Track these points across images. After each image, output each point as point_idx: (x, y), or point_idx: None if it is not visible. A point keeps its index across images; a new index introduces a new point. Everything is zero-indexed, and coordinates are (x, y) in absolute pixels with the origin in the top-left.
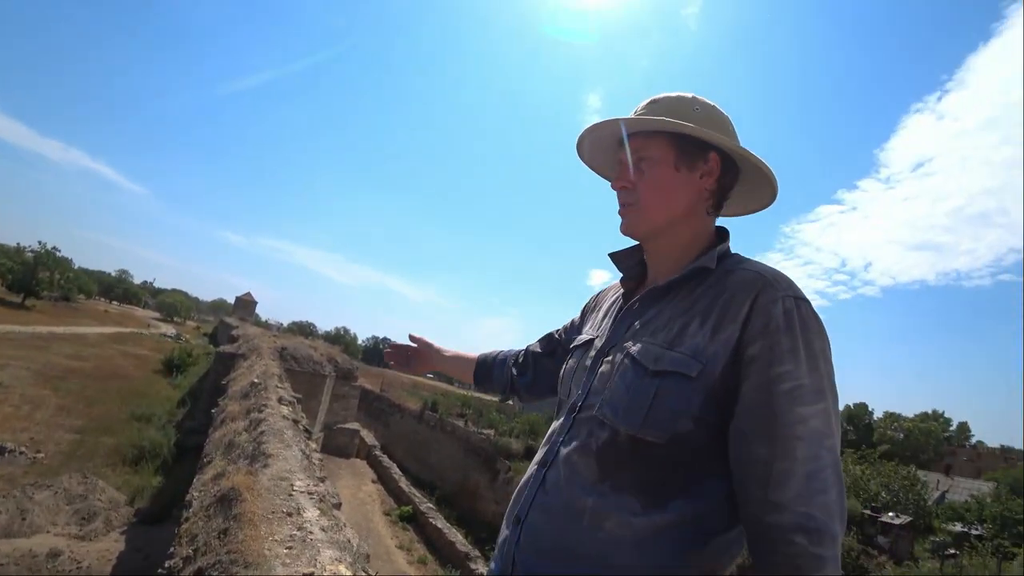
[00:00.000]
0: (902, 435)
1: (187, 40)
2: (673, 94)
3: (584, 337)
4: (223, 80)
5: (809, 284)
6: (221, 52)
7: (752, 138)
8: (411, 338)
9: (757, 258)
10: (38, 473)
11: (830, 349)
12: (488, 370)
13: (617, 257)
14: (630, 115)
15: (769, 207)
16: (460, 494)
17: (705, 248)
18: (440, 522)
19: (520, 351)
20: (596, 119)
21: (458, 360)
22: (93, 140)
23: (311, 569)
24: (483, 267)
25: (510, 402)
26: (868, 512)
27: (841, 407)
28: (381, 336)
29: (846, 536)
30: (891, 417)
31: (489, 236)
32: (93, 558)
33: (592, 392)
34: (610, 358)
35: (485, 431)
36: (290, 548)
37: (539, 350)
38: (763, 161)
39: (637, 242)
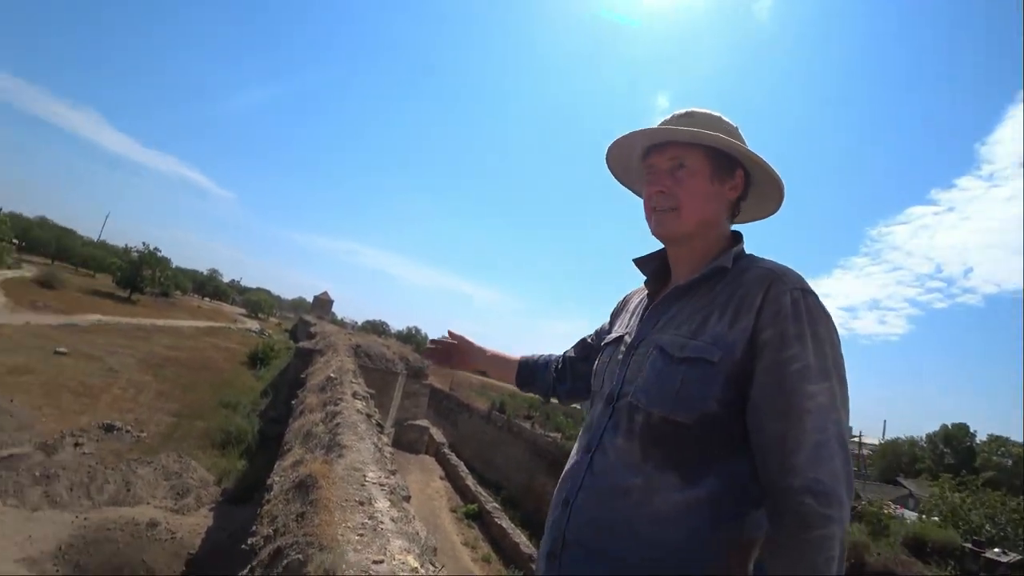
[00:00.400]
0: (1010, 461)
1: (267, 49)
2: (704, 110)
3: (614, 334)
4: (304, 87)
5: (898, 291)
6: (300, 61)
7: (829, 134)
8: (450, 335)
9: (841, 262)
10: (141, 450)
11: (836, 336)
12: (531, 373)
13: (641, 262)
14: (664, 124)
15: (774, 214)
16: (525, 496)
17: (723, 250)
18: (505, 522)
19: (559, 357)
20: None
21: (499, 360)
22: (186, 149)
23: (381, 557)
24: (552, 270)
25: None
26: (970, 546)
27: (937, 427)
28: None
29: (945, 568)
30: (997, 441)
31: (560, 240)
32: (185, 530)
33: (626, 382)
34: (640, 351)
35: (552, 434)
36: (361, 535)
37: (574, 355)
38: (778, 175)
39: (661, 247)
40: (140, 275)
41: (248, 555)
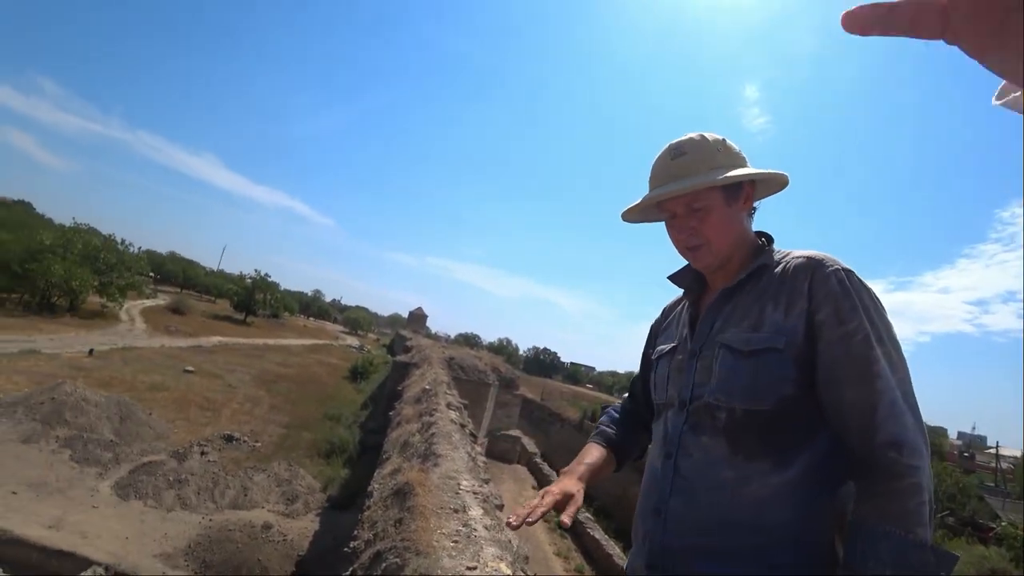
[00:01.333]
0: None
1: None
2: (694, 138)
3: (667, 346)
4: (393, 113)
5: None
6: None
7: (944, 104)
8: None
9: (966, 250)
10: (256, 459)
11: (882, 305)
12: (625, 447)
13: (675, 278)
14: (659, 164)
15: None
16: (618, 507)
17: (756, 249)
18: (598, 533)
19: (623, 410)
20: (756, 111)
21: (596, 470)
22: (289, 182)
23: (474, 563)
24: (638, 275)
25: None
26: None
27: None
28: (542, 347)
29: None
30: None
31: (645, 244)
32: (295, 533)
33: (697, 385)
34: (705, 354)
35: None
36: (456, 542)
37: (639, 399)
38: (778, 173)
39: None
40: (253, 299)
41: (350, 558)
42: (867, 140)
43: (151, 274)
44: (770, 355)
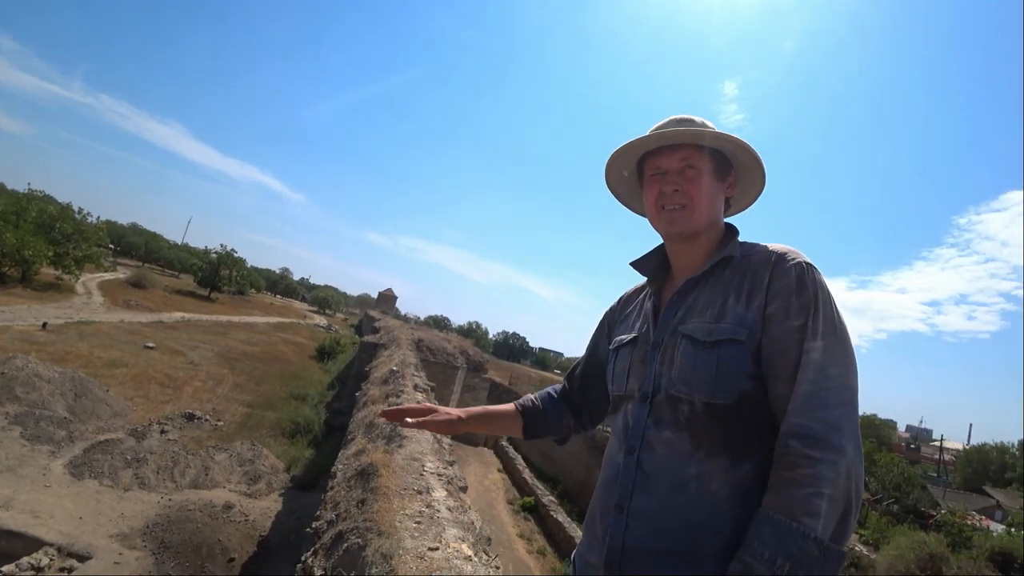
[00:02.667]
0: None
1: (328, 51)
2: (689, 116)
3: (627, 336)
4: (367, 88)
5: (991, 285)
6: (362, 62)
7: (910, 113)
8: (418, 423)
9: (924, 253)
10: (218, 438)
11: (834, 302)
12: (546, 424)
13: (638, 264)
14: (661, 125)
15: (751, 206)
16: (582, 491)
17: (723, 241)
18: (561, 516)
19: (557, 392)
20: (733, 108)
21: (489, 416)
22: (260, 155)
23: (436, 544)
24: (614, 266)
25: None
26: None
27: None
28: (511, 331)
29: None
30: None
31: (622, 235)
32: (257, 513)
33: (659, 376)
34: (668, 343)
35: (609, 429)
36: (419, 523)
37: (578, 384)
38: (762, 171)
39: (656, 246)
40: (218, 275)
41: (312, 538)
42: (838, 144)
43: (111, 246)
44: (731, 347)
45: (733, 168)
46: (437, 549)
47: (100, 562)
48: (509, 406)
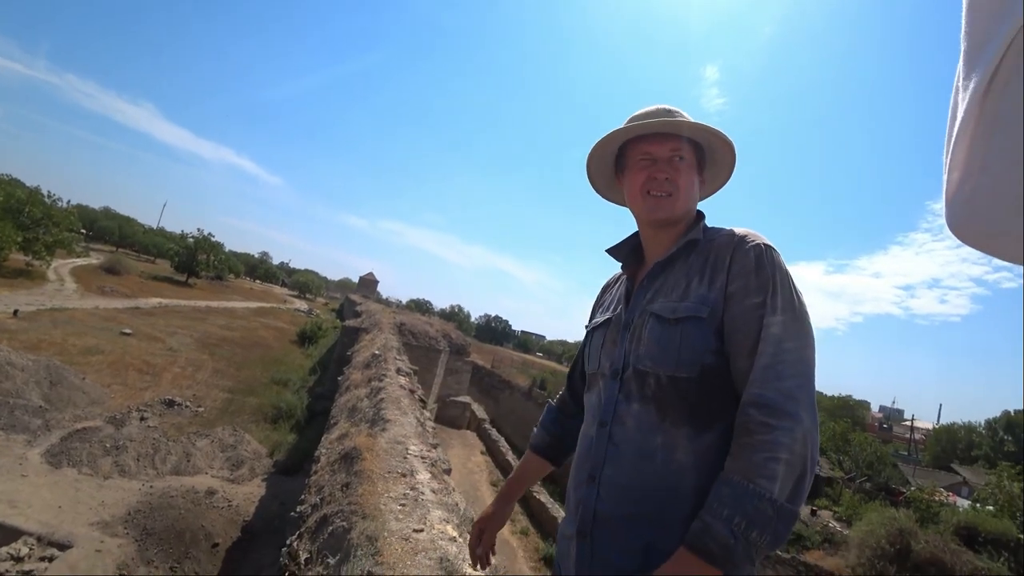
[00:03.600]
0: None
1: (309, 34)
2: (671, 107)
3: (601, 318)
4: (343, 65)
5: (962, 269)
6: (336, 40)
7: (885, 99)
8: (477, 540)
9: (899, 238)
10: (199, 424)
11: (792, 281)
12: (558, 443)
13: (613, 251)
14: (649, 112)
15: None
16: (564, 472)
17: (690, 228)
18: (544, 497)
19: (558, 408)
20: (715, 92)
21: (521, 482)
22: (236, 138)
23: (421, 526)
24: (593, 249)
25: None
26: None
27: (999, 413)
28: (493, 315)
29: (998, 560)
30: None
31: (599, 219)
32: (240, 498)
33: (628, 353)
34: (636, 322)
35: None
36: (403, 505)
37: (578, 385)
38: (734, 167)
39: (631, 234)
40: (196, 260)
41: (297, 522)
42: (818, 130)
43: (83, 231)
44: (693, 323)
45: (707, 161)
46: (422, 530)
47: (81, 550)
48: (528, 457)
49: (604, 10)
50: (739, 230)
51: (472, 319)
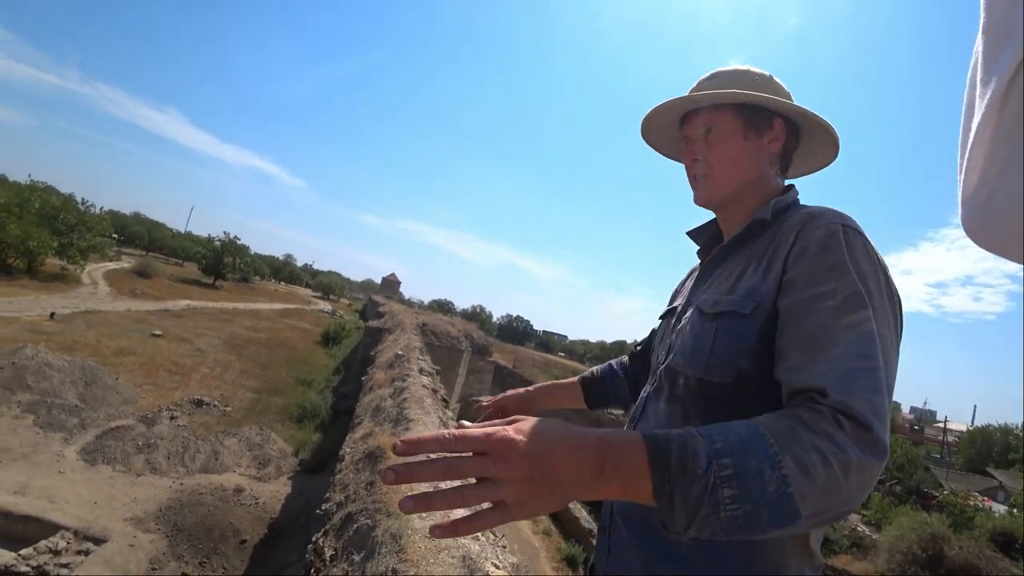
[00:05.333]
0: None
1: (329, 37)
2: (730, 67)
3: (668, 308)
4: (358, 61)
5: (997, 266)
6: (358, 46)
7: (925, 89)
8: (493, 404)
9: (930, 234)
10: (227, 423)
11: (881, 271)
12: (602, 389)
13: (694, 234)
14: (691, 91)
15: (833, 163)
16: None
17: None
18: None
19: (619, 362)
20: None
21: (556, 391)
22: (259, 141)
23: None
24: (612, 247)
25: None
26: None
27: None
28: (515, 314)
29: None
30: None
31: (618, 216)
32: (267, 496)
33: (671, 348)
34: (684, 315)
35: (615, 411)
36: None
37: (636, 362)
38: (826, 120)
39: (712, 215)
40: (222, 262)
41: (322, 519)
42: (845, 125)
43: (114, 235)
44: (732, 320)
45: (781, 119)
46: None
47: (116, 545)
48: (572, 379)
49: (625, 4)
50: (814, 208)
51: (494, 319)
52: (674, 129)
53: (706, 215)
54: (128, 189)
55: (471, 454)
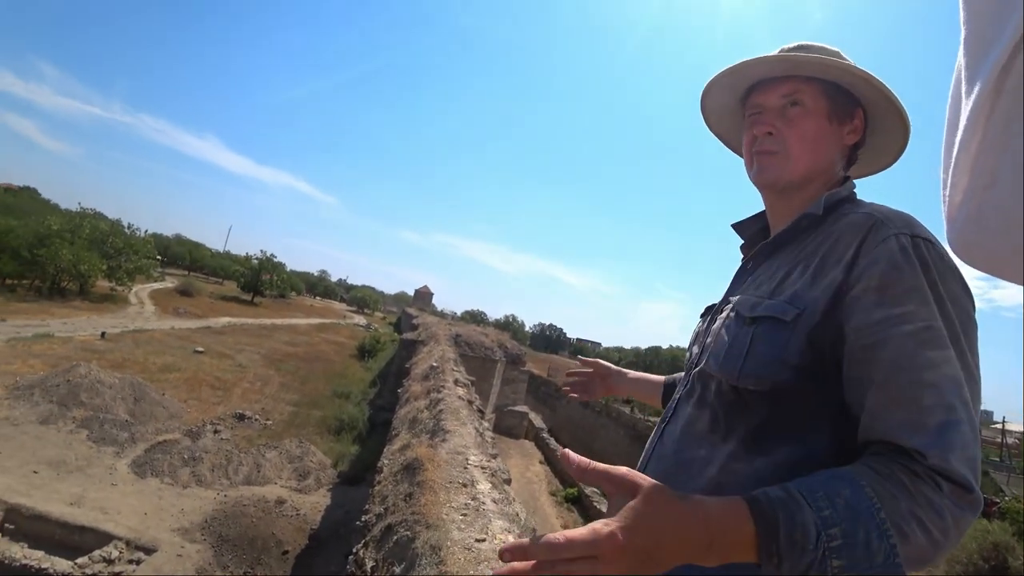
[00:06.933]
0: None
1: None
2: (819, 44)
3: (707, 305)
4: (394, 82)
5: None
6: (388, 56)
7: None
8: (584, 363)
9: None
10: (268, 436)
11: (964, 294)
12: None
13: (740, 227)
14: (779, 54)
15: (891, 165)
16: None
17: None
18: (605, 507)
19: None
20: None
21: (643, 383)
22: (292, 162)
23: (483, 535)
24: (644, 252)
25: None
26: None
27: None
28: (548, 323)
29: None
30: None
31: (650, 221)
32: (307, 508)
33: (705, 349)
34: (721, 315)
35: (652, 418)
36: (465, 515)
37: None
38: (908, 121)
39: (762, 209)
40: (260, 280)
41: (362, 531)
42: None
43: (158, 257)
44: (771, 326)
45: (862, 110)
46: (484, 540)
47: (164, 554)
48: (659, 378)
49: (650, 10)
50: (879, 209)
51: (526, 328)
52: (730, 103)
53: (750, 208)
54: (170, 212)
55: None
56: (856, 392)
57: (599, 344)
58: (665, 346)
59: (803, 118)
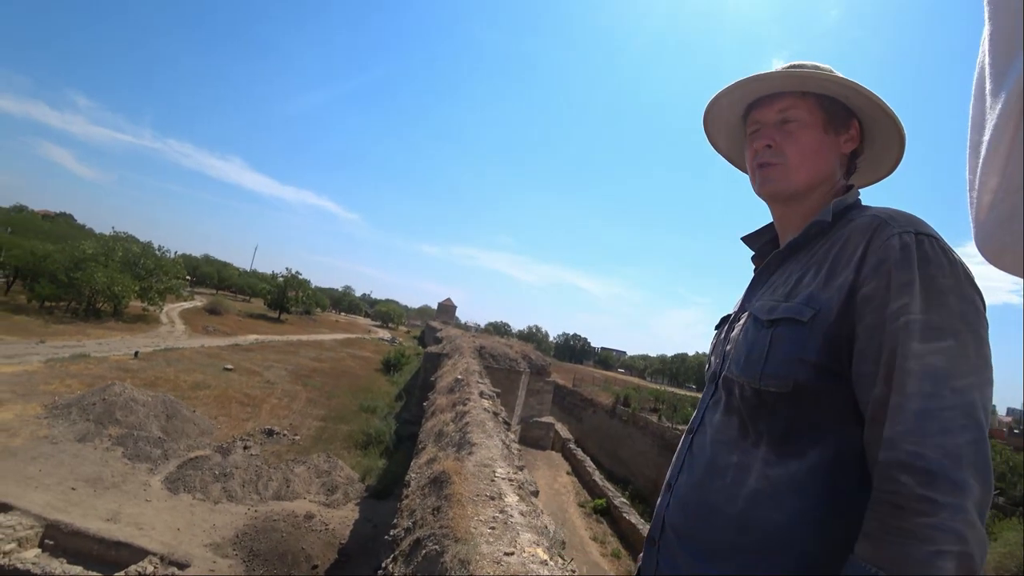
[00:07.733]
0: None
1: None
2: (813, 63)
3: (722, 316)
4: (415, 101)
5: None
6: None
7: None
8: None
9: None
10: (296, 451)
11: (968, 288)
12: None
13: (749, 239)
14: (772, 72)
15: (890, 174)
16: (654, 491)
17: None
18: (634, 517)
19: None
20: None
21: None
22: (315, 181)
23: (511, 549)
24: (665, 259)
25: None
26: None
27: None
28: (572, 333)
29: None
30: None
31: (671, 227)
32: (336, 522)
33: (726, 356)
34: (739, 323)
35: (680, 426)
36: (493, 528)
37: None
38: (903, 130)
39: (770, 220)
40: (286, 297)
41: (391, 545)
42: (905, 98)
43: (187, 277)
44: (789, 328)
45: (857, 120)
46: (513, 554)
47: (197, 569)
48: None
49: (667, 9)
50: (884, 211)
51: (551, 338)
52: (733, 121)
53: (766, 212)
54: (198, 233)
55: None
56: (859, 384)
57: (624, 353)
58: (692, 352)
59: (800, 130)
